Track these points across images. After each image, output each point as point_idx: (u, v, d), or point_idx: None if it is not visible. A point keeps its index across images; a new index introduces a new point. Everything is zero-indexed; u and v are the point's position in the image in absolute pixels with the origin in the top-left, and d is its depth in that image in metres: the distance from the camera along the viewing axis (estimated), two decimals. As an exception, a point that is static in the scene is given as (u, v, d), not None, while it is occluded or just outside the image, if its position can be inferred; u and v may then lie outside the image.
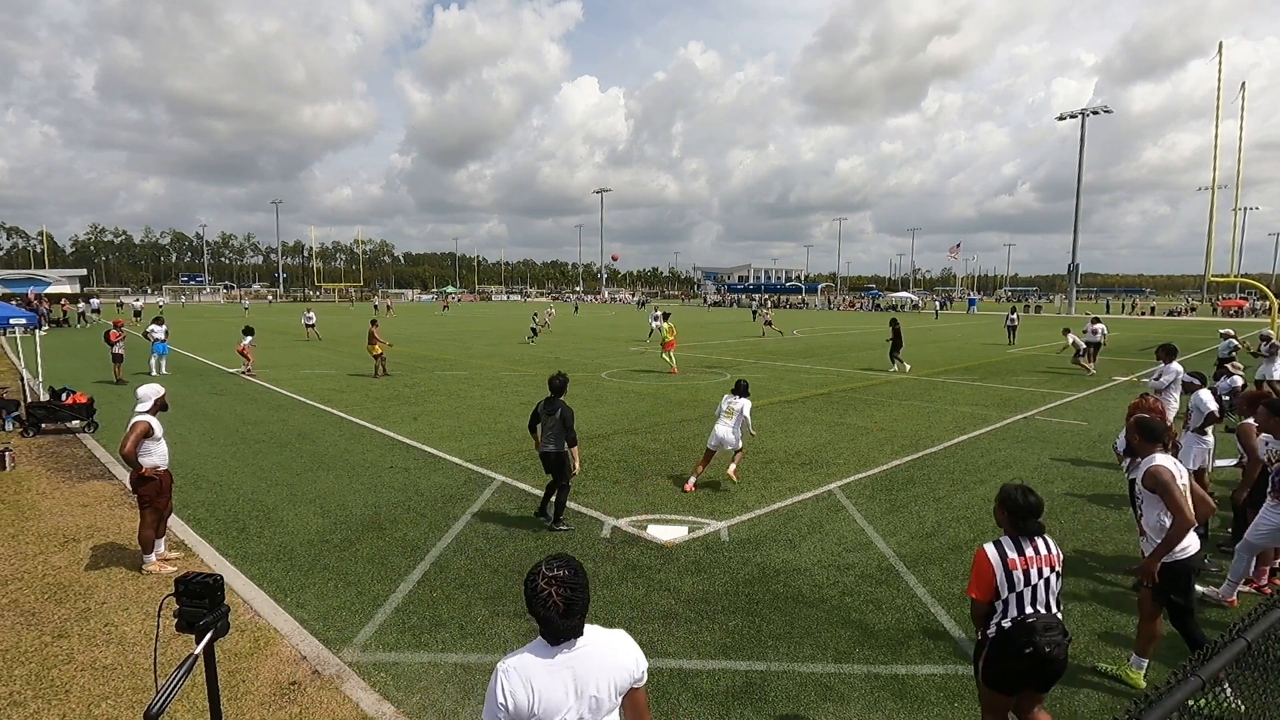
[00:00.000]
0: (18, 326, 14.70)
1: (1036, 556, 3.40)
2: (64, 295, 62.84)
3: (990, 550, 3.43)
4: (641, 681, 2.36)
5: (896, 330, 21.37)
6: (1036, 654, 3.25)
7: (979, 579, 3.42)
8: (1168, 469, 4.36)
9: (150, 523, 6.34)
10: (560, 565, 2.25)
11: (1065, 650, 3.33)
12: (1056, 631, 3.30)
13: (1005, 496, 3.51)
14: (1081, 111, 64.86)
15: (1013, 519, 3.47)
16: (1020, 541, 3.43)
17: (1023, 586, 3.35)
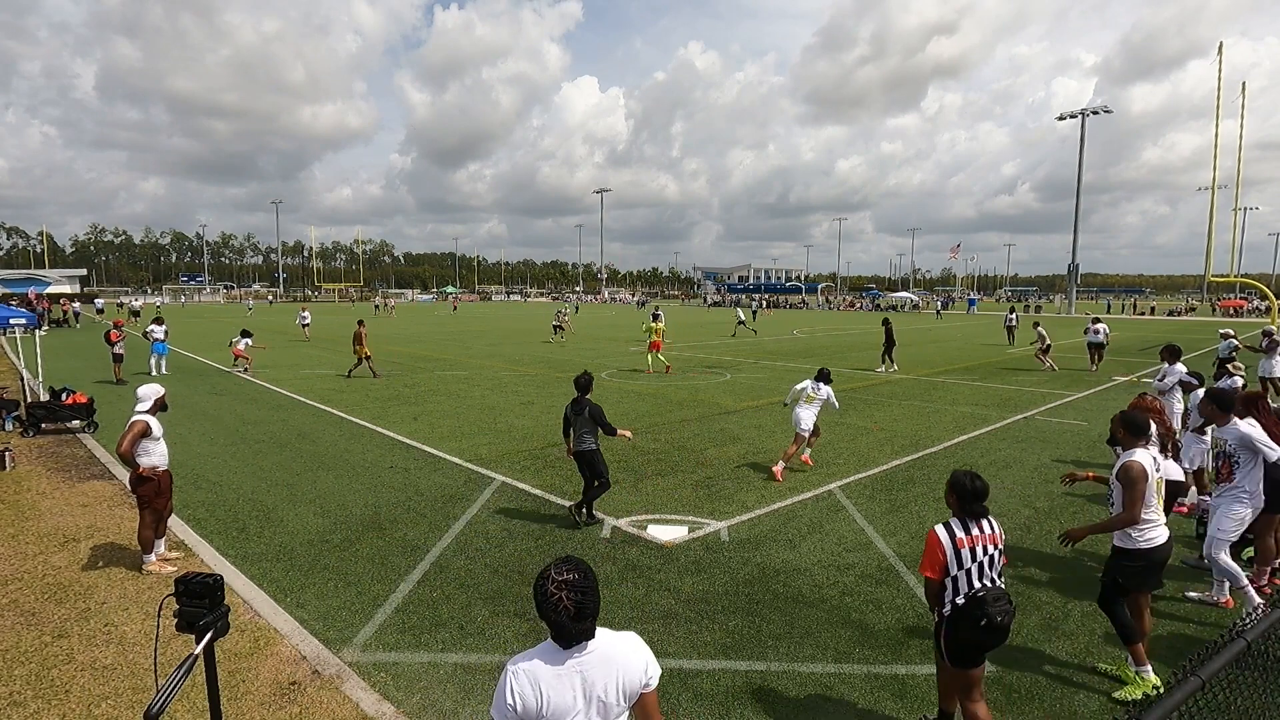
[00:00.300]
0: (18, 326, 14.70)
1: (981, 535, 3.70)
2: (64, 295, 62.89)
3: (941, 531, 3.70)
4: (652, 686, 2.34)
5: (889, 330, 21.65)
6: (990, 624, 3.52)
7: (931, 558, 3.69)
8: (1141, 465, 4.44)
9: (149, 523, 6.34)
10: (570, 568, 2.21)
11: (1011, 617, 3.61)
12: (1005, 601, 3.60)
13: (955, 482, 3.78)
14: (1081, 111, 64.84)
15: (961, 502, 3.75)
16: (967, 522, 3.72)
17: (970, 564, 3.64)
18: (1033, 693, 4.54)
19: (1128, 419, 4.67)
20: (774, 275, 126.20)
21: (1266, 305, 43.68)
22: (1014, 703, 4.44)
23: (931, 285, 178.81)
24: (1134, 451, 4.55)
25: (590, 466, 7.42)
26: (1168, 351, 10.36)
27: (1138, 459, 4.47)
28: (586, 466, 7.44)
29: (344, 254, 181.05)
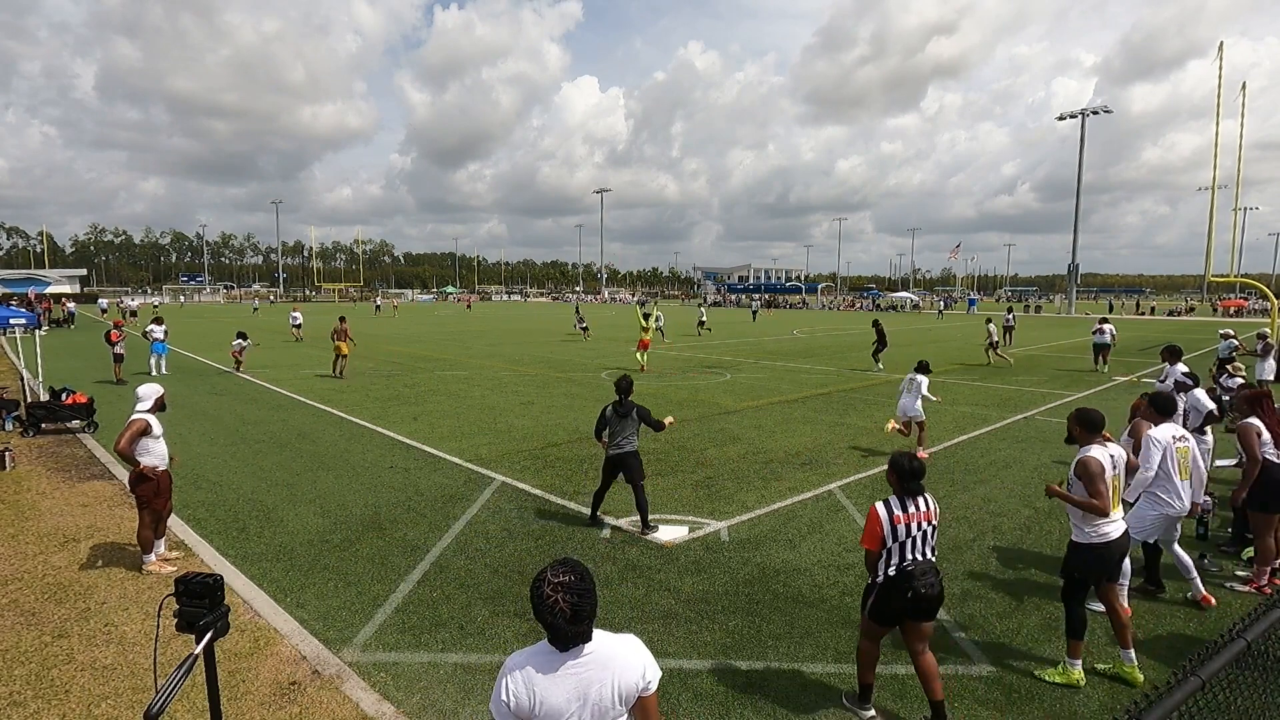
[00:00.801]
0: (18, 326, 14.70)
1: (917, 513, 4.03)
2: (59, 295, 62.94)
3: (880, 508, 4.04)
4: (651, 689, 2.30)
5: (880, 331, 21.78)
6: (915, 596, 3.90)
7: (870, 532, 4.04)
8: (1097, 460, 4.56)
9: (148, 523, 6.34)
10: (566, 570, 2.18)
11: (939, 588, 3.97)
12: (931, 574, 3.95)
13: (894, 463, 4.14)
14: (1082, 111, 64.83)
15: (900, 481, 4.09)
16: (905, 500, 4.04)
17: (905, 538, 3.98)
18: (1033, 693, 4.54)
19: (1083, 416, 4.76)
20: (774, 275, 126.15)
21: (1266, 305, 43.65)
22: (1014, 703, 4.44)
23: (931, 285, 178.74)
24: (1090, 447, 4.66)
25: (630, 470, 7.30)
26: (1168, 352, 10.38)
27: (1093, 454, 4.58)
28: (625, 469, 7.31)
29: (344, 254, 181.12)
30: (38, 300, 49.75)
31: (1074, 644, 4.64)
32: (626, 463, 7.29)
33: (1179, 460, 5.60)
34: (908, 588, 3.91)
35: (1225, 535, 7.29)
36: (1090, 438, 4.69)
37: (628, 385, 7.49)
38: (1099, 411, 4.77)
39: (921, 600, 3.92)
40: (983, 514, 7.99)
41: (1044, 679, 4.64)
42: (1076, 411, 4.84)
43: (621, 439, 7.28)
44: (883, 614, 4.08)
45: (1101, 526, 4.59)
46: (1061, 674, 4.63)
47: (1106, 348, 21.31)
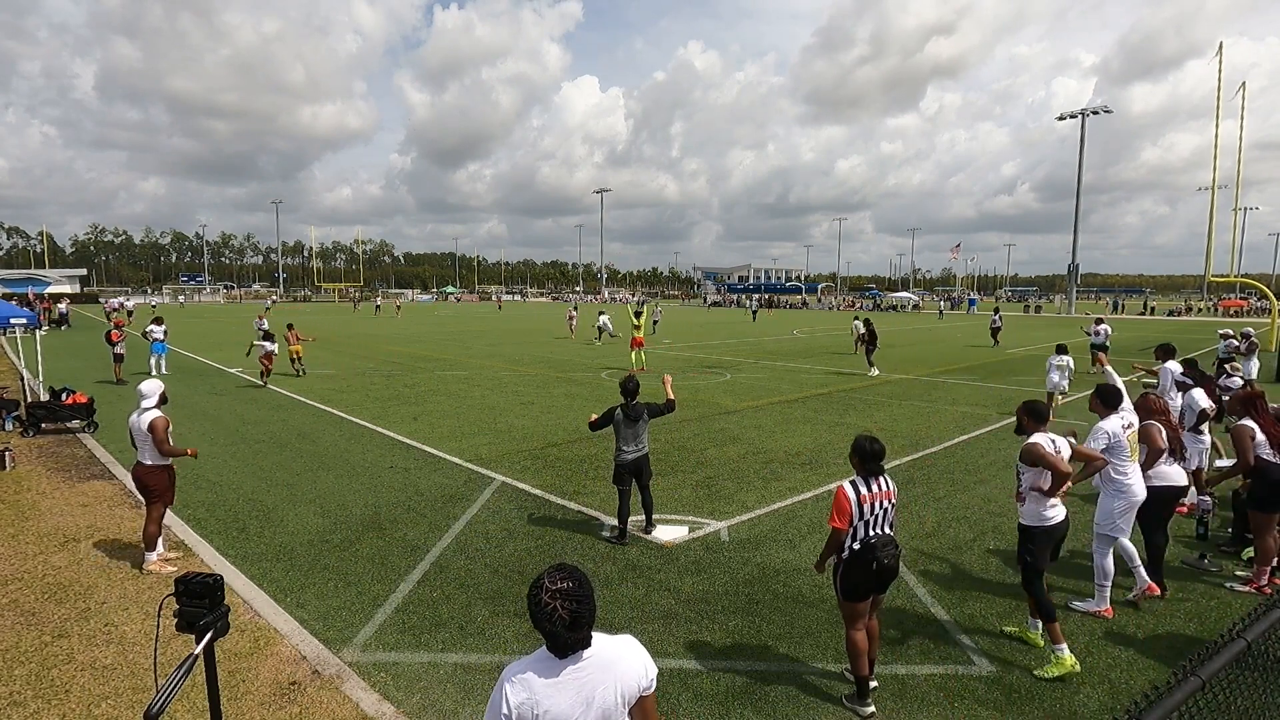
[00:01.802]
0: (18, 326, 14.70)
1: (880, 492, 4.29)
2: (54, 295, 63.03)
3: (848, 487, 4.27)
4: (651, 689, 2.29)
5: (871, 331, 21.39)
6: (879, 566, 4.16)
7: (840, 511, 4.24)
8: (1040, 443, 4.81)
9: (157, 517, 6.39)
10: (564, 576, 2.14)
11: (898, 560, 4.25)
12: (892, 547, 4.23)
13: (857, 445, 4.37)
14: (1081, 111, 64.81)
15: (863, 462, 4.33)
16: (869, 480, 4.29)
17: (869, 515, 4.23)
18: (1033, 693, 4.54)
19: (1031, 407, 5.01)
20: (774, 275, 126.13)
21: (1266, 305, 43.64)
22: (1014, 703, 4.44)
23: (932, 285, 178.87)
24: (1034, 435, 4.88)
25: (641, 474, 7.11)
26: (1161, 350, 10.43)
27: (1037, 439, 4.84)
28: (638, 474, 7.10)
29: (344, 254, 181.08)
30: (37, 300, 49.79)
31: (1051, 627, 4.77)
32: (644, 466, 7.13)
33: (1131, 446, 5.69)
34: (871, 559, 4.17)
35: (1225, 535, 7.29)
36: (1037, 427, 4.92)
37: (635, 386, 7.29)
38: (1045, 404, 5.04)
39: (884, 571, 4.20)
40: (983, 514, 7.99)
41: (1044, 677, 4.66)
42: (1025, 403, 5.07)
43: (639, 442, 7.09)
44: (853, 589, 4.30)
45: (1048, 510, 4.84)
46: (1056, 665, 4.70)
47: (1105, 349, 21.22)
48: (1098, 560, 5.64)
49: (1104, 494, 5.72)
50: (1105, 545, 5.62)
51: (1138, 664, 4.91)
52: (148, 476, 6.41)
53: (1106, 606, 5.62)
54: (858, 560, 4.24)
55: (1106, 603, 5.63)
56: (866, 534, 4.24)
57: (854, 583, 4.28)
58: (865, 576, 4.23)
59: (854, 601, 4.33)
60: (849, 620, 4.40)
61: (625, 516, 7.13)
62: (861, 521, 4.23)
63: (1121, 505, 5.61)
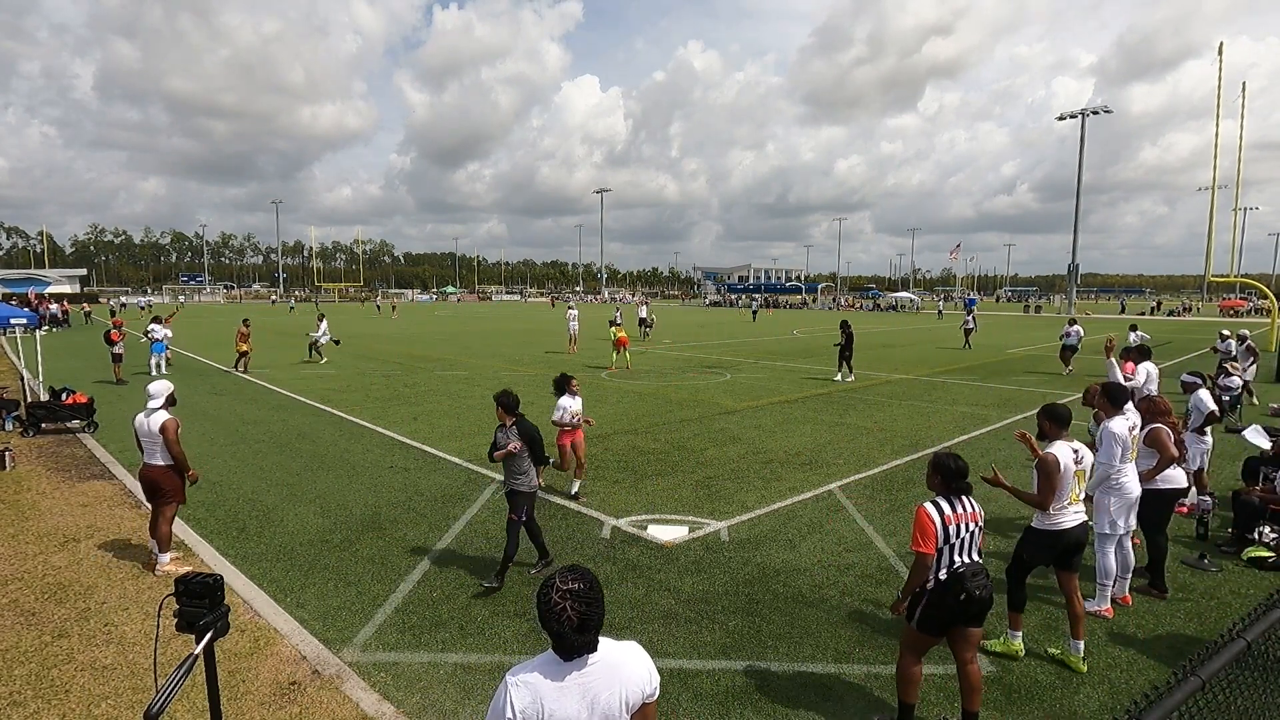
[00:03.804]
0: (18, 326, 14.70)
1: (965, 513, 3.94)
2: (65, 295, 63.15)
3: (931, 508, 3.91)
4: (654, 696, 2.27)
5: (848, 334, 18.95)
6: (969, 598, 3.76)
7: (925, 534, 3.86)
8: (1056, 458, 4.70)
9: (170, 517, 6.39)
10: (575, 578, 2.12)
11: (990, 590, 3.86)
12: (983, 576, 3.85)
13: (939, 463, 4.06)
14: (1081, 111, 64.71)
15: (945, 481, 4.00)
16: (953, 500, 3.95)
17: (954, 539, 3.87)
18: (1033, 693, 4.54)
19: (1051, 411, 4.90)
20: (774, 275, 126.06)
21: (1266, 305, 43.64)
22: (1014, 703, 4.44)
23: (931, 285, 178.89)
24: (1054, 444, 4.79)
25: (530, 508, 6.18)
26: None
27: (1054, 452, 4.72)
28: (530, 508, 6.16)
29: (344, 254, 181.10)
30: (37, 300, 49.80)
31: (1014, 616, 4.87)
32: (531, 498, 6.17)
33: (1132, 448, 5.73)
34: (961, 590, 3.77)
35: (1225, 535, 7.29)
36: (1058, 432, 4.83)
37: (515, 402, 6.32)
38: (1066, 408, 4.95)
39: (974, 603, 3.79)
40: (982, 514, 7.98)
41: (987, 649, 4.83)
42: (1045, 407, 4.99)
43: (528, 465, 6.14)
44: (931, 623, 3.93)
45: (1056, 516, 4.77)
46: (1002, 645, 4.85)
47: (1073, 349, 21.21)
48: (1099, 560, 5.65)
49: (1099, 494, 5.72)
50: (1106, 544, 5.62)
51: (1138, 664, 4.91)
52: (162, 478, 6.37)
53: (1107, 606, 5.62)
54: (945, 590, 3.84)
55: (1107, 602, 5.63)
56: (952, 561, 3.87)
57: (936, 617, 3.92)
58: (950, 610, 3.85)
59: (926, 634, 3.98)
60: (909, 648, 4.06)
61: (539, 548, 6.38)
62: (948, 545, 3.86)
63: (1118, 504, 5.61)
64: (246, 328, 20.64)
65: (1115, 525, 5.61)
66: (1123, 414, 5.72)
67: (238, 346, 20.16)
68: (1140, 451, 5.94)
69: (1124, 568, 5.80)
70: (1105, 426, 5.68)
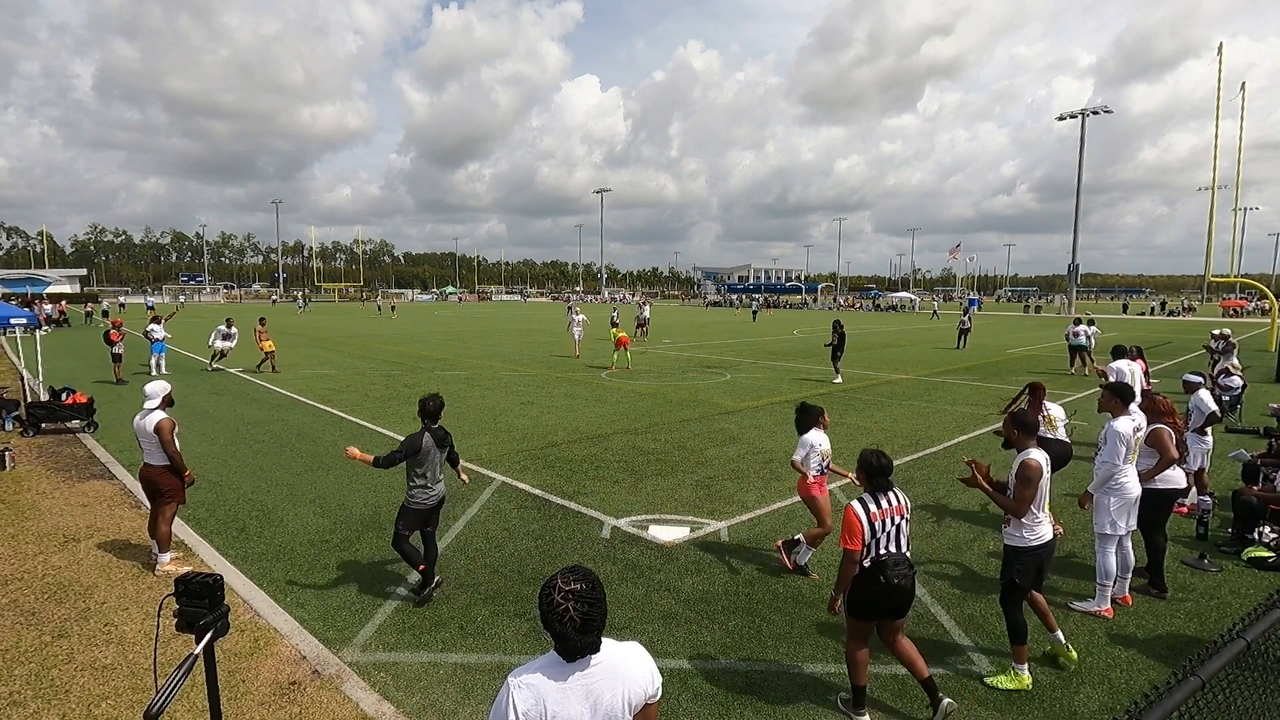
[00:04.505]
0: (18, 326, 14.69)
1: (890, 507, 4.14)
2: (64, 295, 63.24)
3: (857, 507, 4.12)
4: (656, 698, 2.27)
5: (840, 334, 18.62)
6: (888, 585, 3.99)
7: (852, 532, 4.08)
8: (1038, 464, 4.65)
9: (170, 517, 6.38)
10: (577, 578, 2.12)
11: (911, 581, 4.09)
12: (904, 566, 4.06)
13: (863, 461, 4.28)
14: (1081, 111, 64.73)
15: (869, 478, 4.22)
16: (877, 497, 4.15)
17: (881, 533, 4.09)
18: (1033, 693, 4.54)
19: (1019, 419, 4.84)
20: (774, 275, 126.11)
21: (1266, 305, 43.64)
22: (1014, 703, 4.44)
23: (931, 285, 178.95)
24: (1029, 451, 4.72)
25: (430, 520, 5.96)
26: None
27: (1034, 458, 4.67)
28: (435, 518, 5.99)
29: (344, 254, 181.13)
30: (36, 301, 49.87)
31: (1019, 649, 4.64)
32: (438, 509, 5.98)
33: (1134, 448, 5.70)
34: (881, 576, 4.02)
35: (1225, 535, 7.29)
36: (1027, 441, 4.78)
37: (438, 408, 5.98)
38: (1033, 416, 4.86)
39: (895, 591, 4.02)
40: (982, 514, 7.99)
41: (994, 686, 4.59)
42: (1012, 415, 4.91)
43: (440, 474, 5.96)
44: (863, 608, 4.17)
45: (1037, 529, 4.69)
46: (1013, 680, 4.61)
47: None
48: (1099, 560, 5.65)
49: (1100, 494, 5.73)
50: (1105, 545, 5.62)
51: (1138, 664, 4.91)
52: (160, 478, 6.37)
53: (1107, 606, 5.62)
54: (867, 578, 4.09)
55: (1107, 602, 5.63)
56: (877, 552, 4.09)
57: (861, 600, 4.14)
58: (873, 595, 4.08)
59: (861, 619, 4.21)
60: (852, 634, 4.29)
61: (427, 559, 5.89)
62: (874, 539, 4.07)
63: (1117, 504, 5.62)
64: (263, 326, 20.67)
65: (1115, 525, 5.61)
66: (1129, 414, 5.72)
67: (261, 346, 20.12)
68: (1141, 451, 5.94)
69: (1124, 568, 5.81)
70: (1110, 426, 5.68)
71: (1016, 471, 4.70)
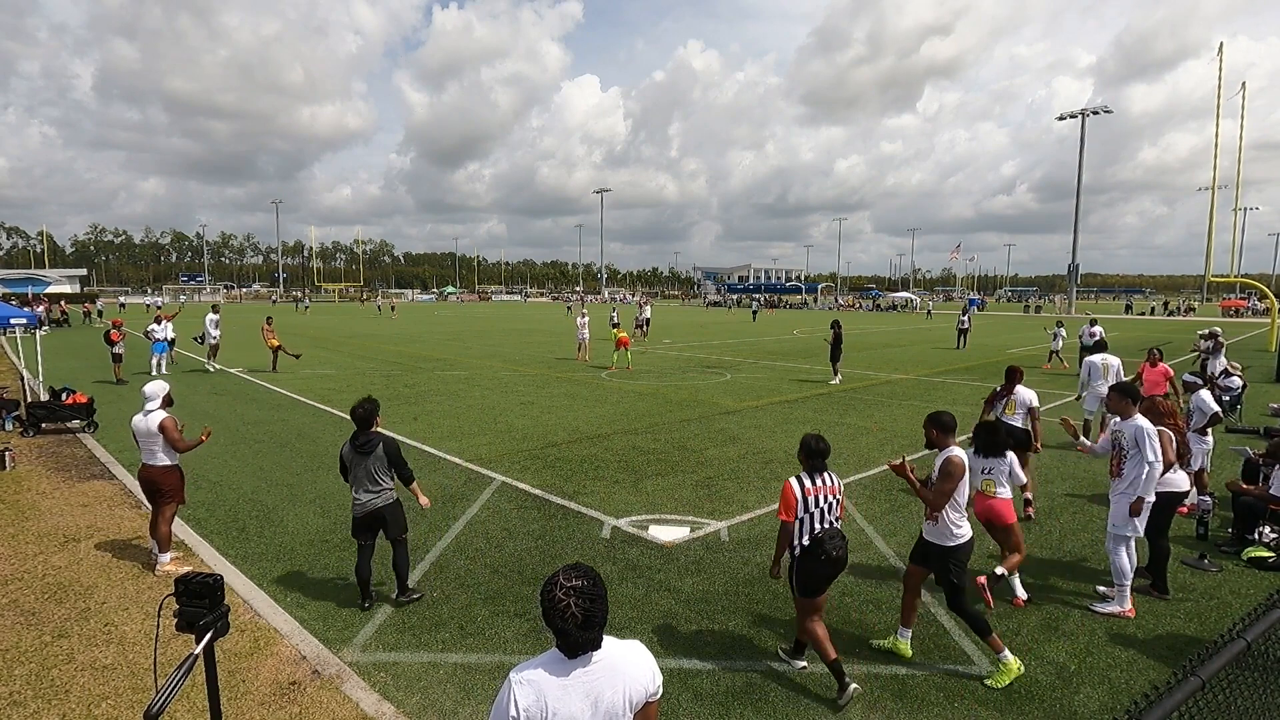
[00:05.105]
0: (18, 326, 14.70)
1: (824, 486, 4.49)
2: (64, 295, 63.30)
3: (794, 483, 4.48)
4: (657, 696, 2.27)
5: (836, 334, 18.39)
6: (828, 557, 4.37)
7: (787, 506, 4.45)
8: (961, 461, 4.71)
9: (170, 517, 6.40)
10: (578, 575, 2.13)
11: (845, 551, 4.45)
12: (839, 539, 4.44)
13: (803, 443, 4.59)
14: (1082, 111, 64.77)
15: (808, 459, 4.54)
16: (813, 475, 4.50)
17: (814, 509, 4.44)
18: (1033, 693, 4.54)
19: (938, 419, 4.91)
20: (774, 275, 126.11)
21: (1266, 305, 43.64)
22: (1014, 703, 4.44)
23: (931, 285, 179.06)
24: (952, 449, 4.78)
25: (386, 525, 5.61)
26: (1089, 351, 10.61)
27: (958, 455, 4.74)
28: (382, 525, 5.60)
29: (344, 254, 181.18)
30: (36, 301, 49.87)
31: (992, 640, 4.68)
32: (372, 519, 5.58)
33: None
34: (821, 551, 4.37)
35: (1225, 535, 7.29)
36: (947, 439, 4.83)
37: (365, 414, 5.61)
38: (951, 414, 4.90)
39: (835, 562, 4.41)
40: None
41: (996, 687, 4.57)
42: (931, 415, 4.95)
43: (377, 485, 5.57)
44: (808, 584, 4.49)
45: (963, 526, 4.77)
46: (1004, 673, 4.62)
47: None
48: (1113, 560, 5.63)
49: (1115, 496, 5.70)
50: (1119, 545, 5.61)
51: (1138, 664, 4.91)
52: (162, 478, 6.37)
53: (1128, 606, 5.60)
54: (808, 554, 4.44)
55: (1128, 603, 5.61)
56: (814, 527, 4.43)
57: (809, 577, 4.48)
58: (818, 569, 4.43)
59: (811, 597, 4.51)
60: (805, 614, 4.57)
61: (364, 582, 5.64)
62: (808, 514, 4.42)
63: (1128, 504, 5.60)
64: (270, 325, 20.83)
65: (1131, 526, 5.58)
66: (1137, 414, 5.71)
67: (270, 344, 20.25)
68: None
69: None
70: (1137, 426, 5.57)
71: (940, 467, 4.77)
